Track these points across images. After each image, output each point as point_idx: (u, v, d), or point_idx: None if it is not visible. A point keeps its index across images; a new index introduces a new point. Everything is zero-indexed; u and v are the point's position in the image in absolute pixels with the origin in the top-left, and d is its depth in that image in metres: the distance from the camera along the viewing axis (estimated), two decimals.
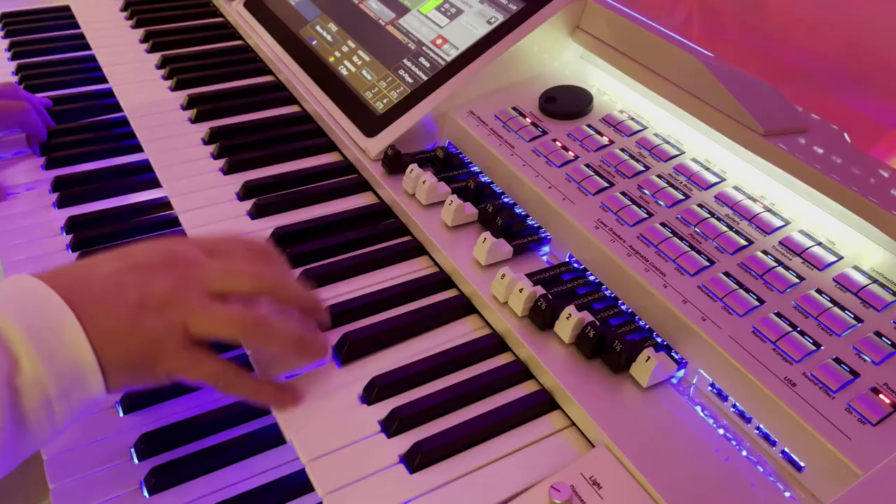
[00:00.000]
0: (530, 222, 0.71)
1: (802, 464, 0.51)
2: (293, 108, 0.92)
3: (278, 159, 0.83)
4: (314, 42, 0.95)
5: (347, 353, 0.60)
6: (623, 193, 0.68)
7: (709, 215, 0.65)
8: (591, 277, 0.65)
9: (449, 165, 0.77)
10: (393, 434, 0.55)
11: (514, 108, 0.79)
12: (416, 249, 0.71)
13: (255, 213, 0.75)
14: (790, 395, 0.51)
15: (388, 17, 0.91)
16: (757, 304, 0.57)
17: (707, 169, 0.69)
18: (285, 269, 0.63)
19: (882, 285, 0.58)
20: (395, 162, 0.76)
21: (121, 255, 0.55)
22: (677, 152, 0.71)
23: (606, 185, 0.69)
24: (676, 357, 0.58)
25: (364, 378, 0.58)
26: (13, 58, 1.02)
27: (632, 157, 0.71)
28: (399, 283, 0.67)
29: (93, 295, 0.51)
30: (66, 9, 1.14)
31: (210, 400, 0.62)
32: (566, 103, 0.78)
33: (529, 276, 0.64)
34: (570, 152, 0.73)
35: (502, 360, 0.61)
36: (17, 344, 0.47)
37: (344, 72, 0.88)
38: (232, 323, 0.53)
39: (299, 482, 0.56)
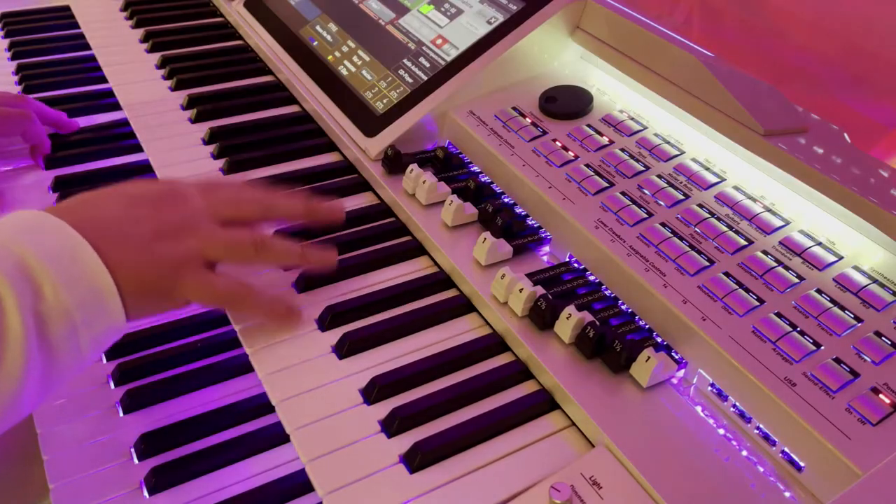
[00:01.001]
0: (530, 222, 0.71)
1: (802, 464, 0.51)
2: (293, 108, 0.92)
3: (278, 159, 0.83)
4: (314, 42, 0.95)
5: (348, 351, 0.60)
6: (623, 193, 0.68)
7: (709, 215, 0.65)
8: (591, 277, 0.65)
9: (449, 165, 0.77)
10: (393, 434, 0.55)
11: (514, 108, 0.79)
12: (416, 249, 0.71)
13: None
14: (790, 394, 0.51)
15: (388, 17, 0.91)
16: (757, 304, 0.57)
17: (707, 169, 0.69)
18: (273, 192, 0.65)
19: (882, 285, 0.58)
20: (395, 162, 0.76)
21: (122, 191, 0.56)
22: (677, 152, 0.71)
23: (606, 185, 0.69)
24: (676, 357, 0.58)
25: (364, 378, 0.58)
26: (13, 58, 1.02)
27: (632, 157, 0.71)
28: (399, 282, 0.67)
29: (106, 227, 0.52)
30: (66, 9, 1.14)
31: (210, 399, 0.62)
32: (566, 103, 0.78)
33: (529, 275, 0.64)
34: (570, 152, 0.73)
35: (502, 359, 0.61)
36: (38, 271, 0.47)
37: (344, 72, 0.88)
38: (245, 244, 0.58)
39: (299, 482, 0.56)
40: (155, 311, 0.56)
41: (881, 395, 0.51)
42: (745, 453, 0.53)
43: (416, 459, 0.52)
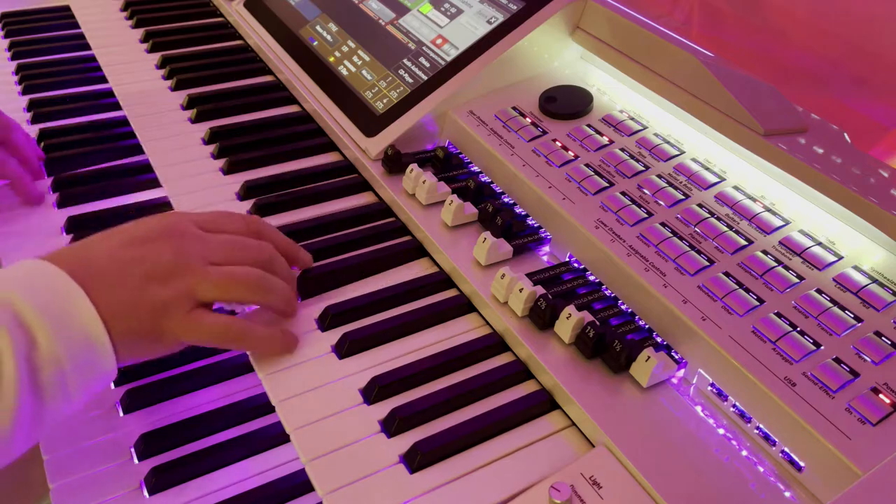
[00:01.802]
0: (530, 222, 0.71)
1: (802, 464, 0.51)
2: (293, 108, 0.92)
3: (278, 159, 0.83)
4: (314, 42, 0.95)
5: (348, 351, 0.60)
6: (623, 193, 0.68)
7: (709, 215, 0.65)
8: (591, 277, 0.65)
9: (449, 165, 0.77)
10: (393, 434, 0.55)
11: (514, 108, 0.79)
12: (416, 249, 0.71)
13: (256, 213, 0.75)
14: (790, 394, 0.51)
15: (388, 17, 0.91)
16: (757, 303, 0.57)
17: (707, 169, 0.69)
18: (279, 241, 0.64)
19: (882, 285, 0.58)
20: (394, 162, 0.76)
21: (118, 232, 0.56)
22: (677, 152, 0.71)
23: (606, 184, 0.69)
24: (676, 357, 0.58)
25: (364, 378, 0.58)
26: (13, 58, 1.02)
27: (632, 156, 0.71)
28: (399, 282, 0.67)
29: (98, 271, 0.52)
30: (66, 9, 1.14)
31: (210, 399, 0.62)
32: (566, 103, 0.78)
33: (529, 275, 0.64)
34: (570, 152, 0.73)
35: (502, 359, 0.61)
36: (32, 321, 0.48)
37: (344, 71, 0.88)
38: (239, 283, 0.57)
39: (299, 482, 0.56)
40: (146, 354, 0.55)
41: (881, 395, 0.51)
42: (745, 453, 0.53)
43: (417, 459, 0.52)
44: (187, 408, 0.61)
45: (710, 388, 0.56)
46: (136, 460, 0.58)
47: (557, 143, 0.74)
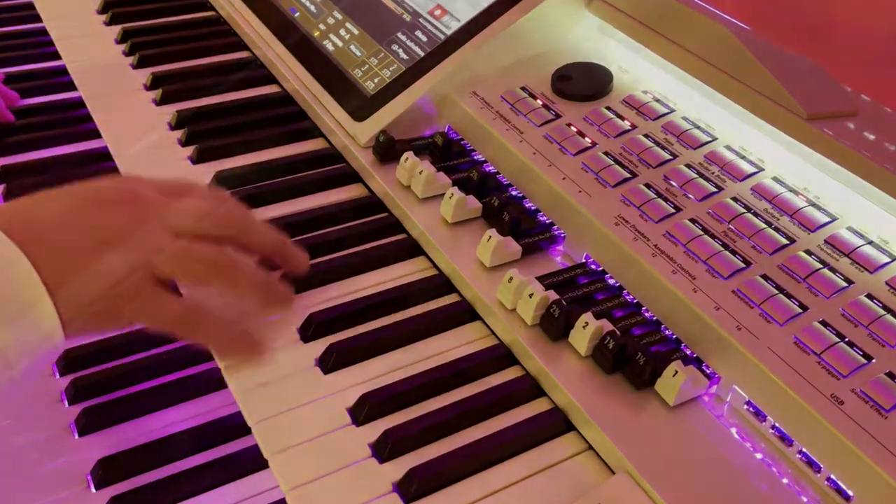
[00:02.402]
0: (541, 218, 0.71)
1: (851, 492, 0.51)
2: (271, 89, 0.92)
3: (254, 146, 0.83)
4: (296, 13, 0.95)
5: (334, 365, 0.60)
6: (647, 185, 0.68)
7: (744, 210, 0.65)
8: (611, 281, 0.65)
9: (449, 153, 0.77)
10: (385, 459, 0.55)
11: (524, 89, 0.79)
12: (412, 249, 0.71)
13: None
14: (837, 414, 0.51)
15: None
16: (799, 311, 0.57)
17: (742, 157, 0.69)
18: (249, 213, 0.64)
19: None
20: (387, 149, 0.76)
21: (69, 192, 0.56)
22: (709, 139, 0.71)
23: (628, 175, 0.69)
24: (708, 371, 0.58)
25: (352, 395, 0.58)
26: None
27: (657, 143, 0.71)
28: (392, 286, 0.67)
29: (44, 233, 0.52)
30: None
31: (178, 419, 0.62)
32: (582, 83, 0.78)
33: (540, 279, 0.64)
34: (586, 138, 0.73)
35: (509, 374, 0.61)
36: None
37: (329, 47, 0.88)
38: (201, 260, 0.56)
39: None
40: (98, 328, 0.56)
41: None
42: (786, 481, 0.53)
43: (412, 488, 0.53)
44: (152, 428, 0.61)
45: (746, 406, 0.56)
46: (93, 489, 0.58)
47: (572, 127, 0.74)
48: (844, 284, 0.59)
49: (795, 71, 0.68)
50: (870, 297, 0.58)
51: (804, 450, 0.53)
